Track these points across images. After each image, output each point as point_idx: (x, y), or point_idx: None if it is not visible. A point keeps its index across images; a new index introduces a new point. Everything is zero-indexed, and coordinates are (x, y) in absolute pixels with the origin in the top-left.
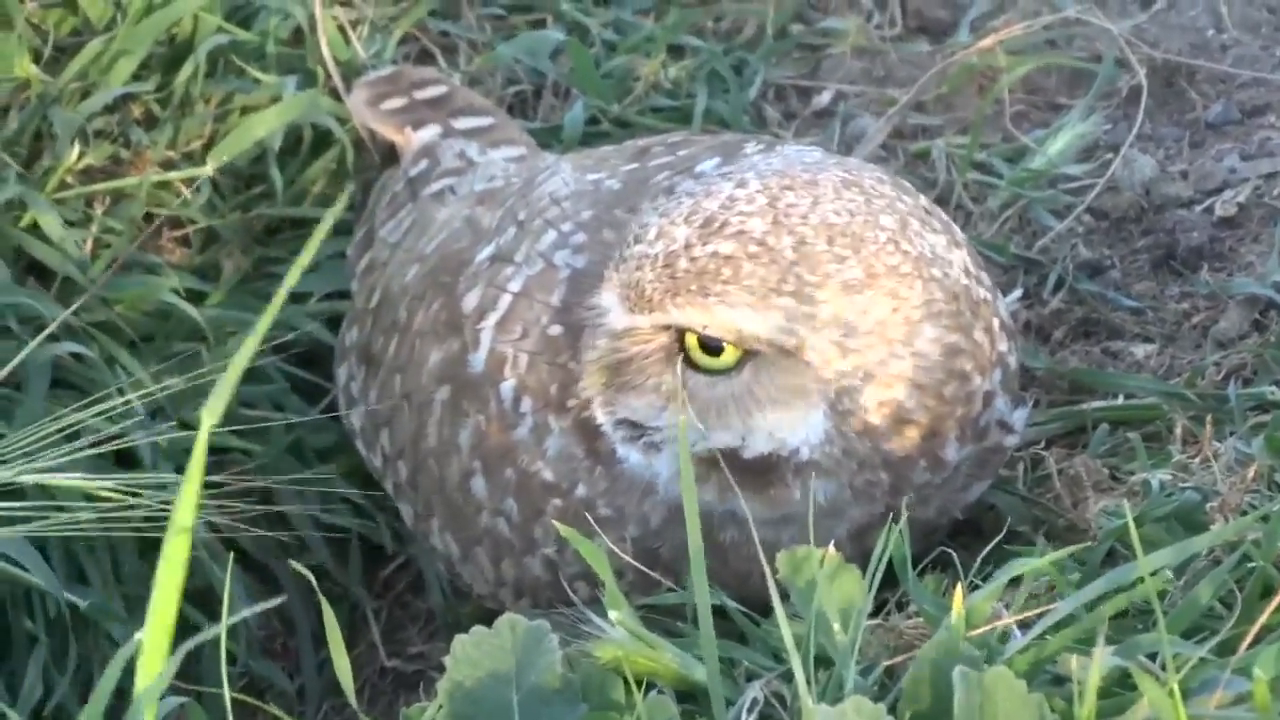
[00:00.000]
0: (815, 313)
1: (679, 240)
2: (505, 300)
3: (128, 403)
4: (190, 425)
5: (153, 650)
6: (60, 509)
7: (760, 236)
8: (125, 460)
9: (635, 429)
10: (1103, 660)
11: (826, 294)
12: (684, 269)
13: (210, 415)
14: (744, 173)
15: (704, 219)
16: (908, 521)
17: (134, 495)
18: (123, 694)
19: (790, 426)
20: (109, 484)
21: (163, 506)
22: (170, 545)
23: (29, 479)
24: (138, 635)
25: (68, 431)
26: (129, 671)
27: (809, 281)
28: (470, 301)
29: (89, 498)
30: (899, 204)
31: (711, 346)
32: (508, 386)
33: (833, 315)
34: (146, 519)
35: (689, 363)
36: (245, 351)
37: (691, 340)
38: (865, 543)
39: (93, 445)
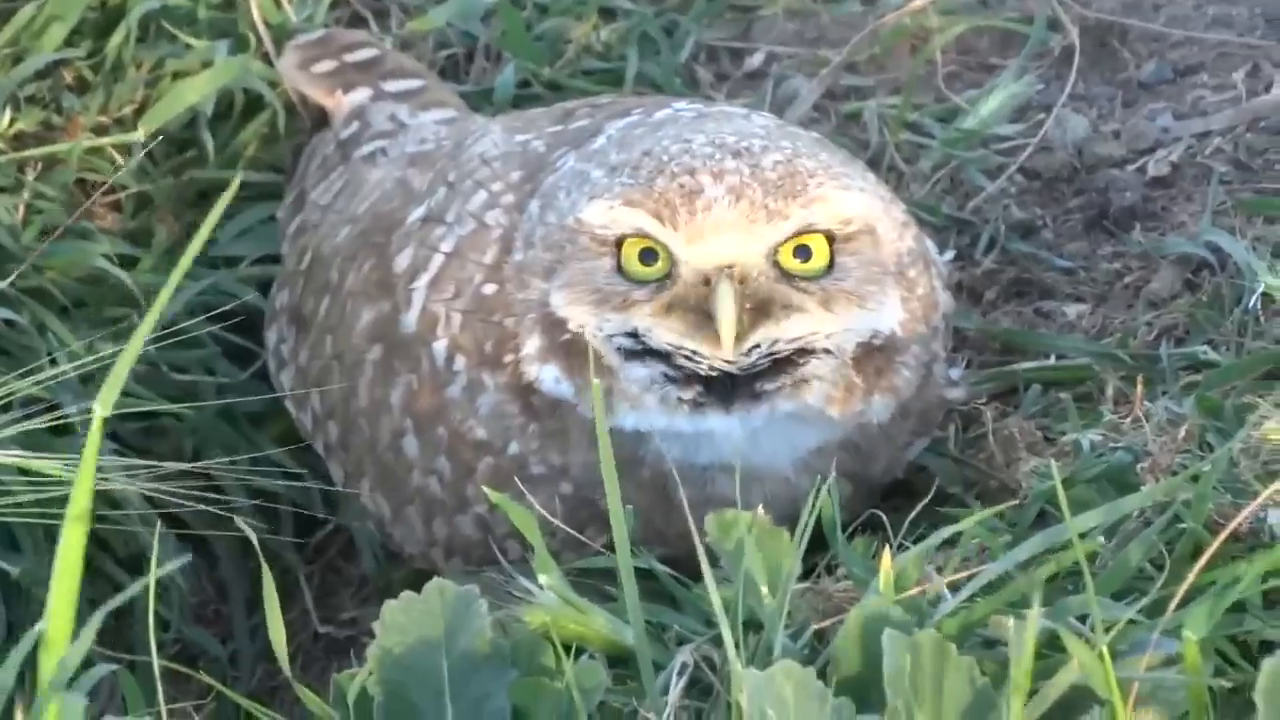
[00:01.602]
0: (870, 187)
1: (742, 163)
2: (437, 260)
3: (59, 370)
4: (122, 391)
5: (55, 639)
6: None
7: (801, 140)
8: (58, 428)
9: (635, 340)
10: (1034, 625)
11: (868, 175)
12: (777, 177)
13: (103, 407)
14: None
15: (736, 142)
16: (855, 481)
17: (62, 462)
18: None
19: (881, 304)
20: (51, 464)
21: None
22: (68, 534)
23: None
24: (39, 626)
25: (1, 401)
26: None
27: (854, 165)
28: (402, 262)
29: (25, 473)
30: None
31: (803, 255)
32: (440, 346)
33: (876, 189)
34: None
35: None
36: (137, 339)
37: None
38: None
39: (27, 418)
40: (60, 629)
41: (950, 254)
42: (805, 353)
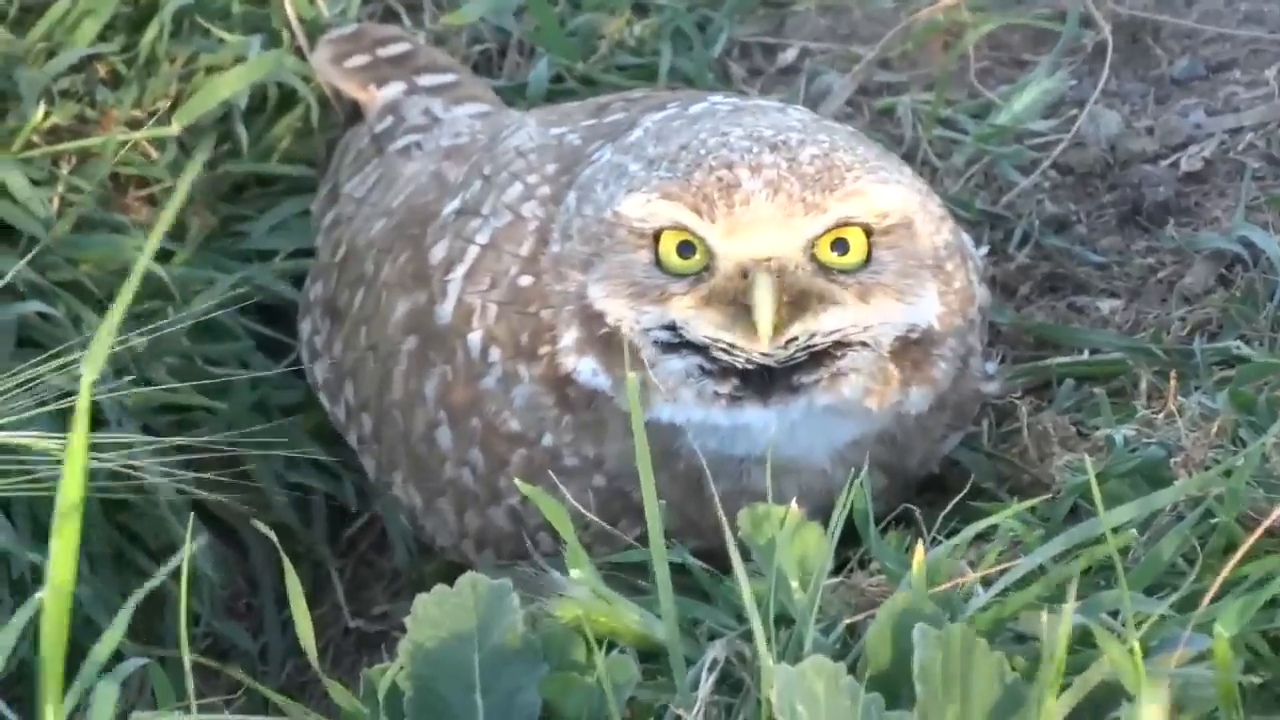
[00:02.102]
0: (907, 180)
1: (779, 156)
2: (473, 252)
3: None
4: (156, 384)
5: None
6: (24, 468)
7: (838, 134)
8: (90, 419)
9: (673, 333)
10: (1068, 620)
11: (904, 169)
12: (815, 171)
13: (91, 370)
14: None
15: (774, 136)
16: (891, 474)
17: (97, 455)
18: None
19: (919, 297)
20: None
21: (126, 469)
22: (61, 520)
23: None
24: (37, 595)
25: (31, 389)
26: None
27: (890, 159)
28: (437, 254)
29: (52, 454)
30: None
31: (840, 248)
32: (475, 337)
33: (913, 182)
34: (111, 476)
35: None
36: (123, 299)
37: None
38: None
39: (56, 401)
40: (58, 617)
41: (984, 249)
42: (842, 346)
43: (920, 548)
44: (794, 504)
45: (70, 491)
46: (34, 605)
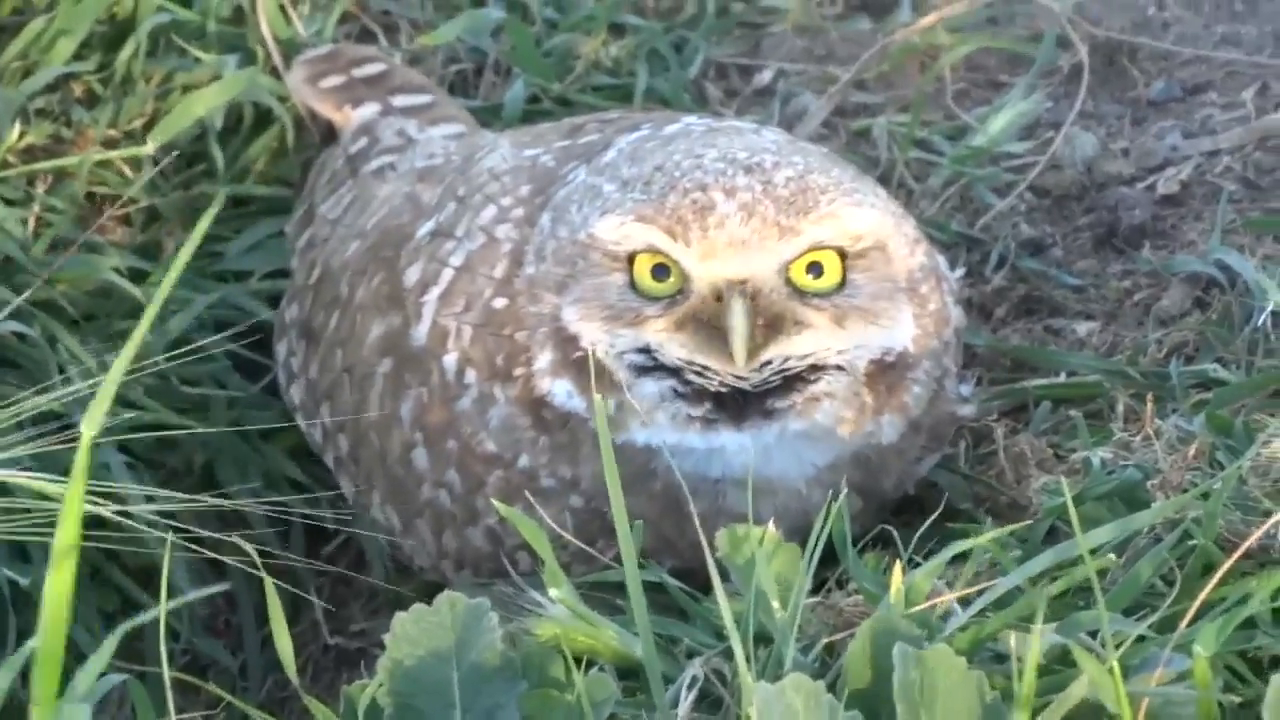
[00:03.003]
0: (881, 203)
1: (754, 179)
2: (447, 274)
3: (74, 389)
4: (133, 404)
5: (48, 664)
6: (5, 498)
7: (812, 156)
8: (69, 438)
9: (647, 356)
10: (1043, 638)
11: (879, 191)
12: (789, 194)
13: (89, 426)
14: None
15: (748, 158)
16: (866, 495)
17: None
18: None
19: (893, 321)
20: (51, 486)
21: (104, 489)
22: (56, 570)
23: None
24: (30, 643)
25: (13, 418)
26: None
27: (865, 181)
28: (412, 276)
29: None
30: None
31: (815, 272)
32: (450, 359)
33: (887, 205)
34: (88, 494)
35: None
36: (125, 354)
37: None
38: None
39: (39, 435)
40: (53, 654)
41: (960, 271)
42: (816, 369)
43: (899, 568)
44: (771, 524)
45: (67, 535)
46: (25, 653)
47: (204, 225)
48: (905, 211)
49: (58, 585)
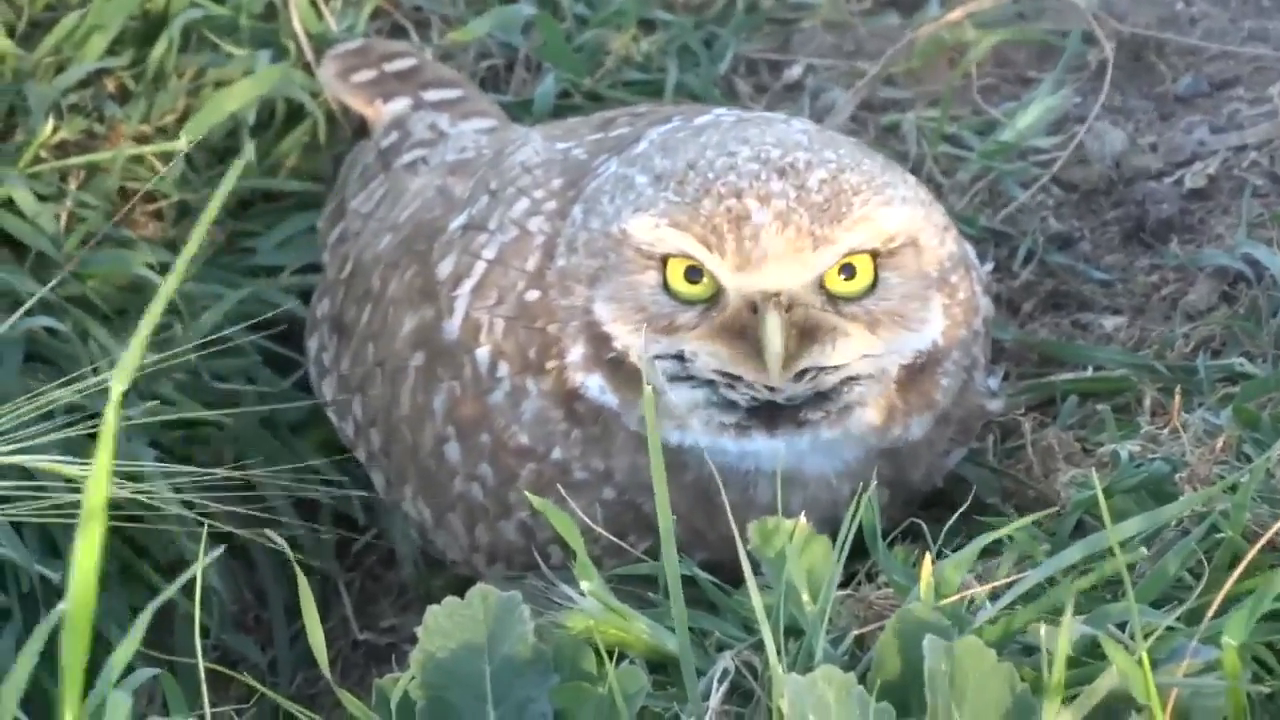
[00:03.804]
0: (911, 194)
1: (788, 183)
2: (480, 267)
3: (101, 379)
4: (163, 399)
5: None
6: (38, 489)
7: (843, 148)
8: (96, 427)
9: (680, 365)
10: (1072, 629)
11: (908, 180)
12: (823, 199)
13: (120, 380)
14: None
15: (781, 157)
16: (896, 488)
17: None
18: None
19: (924, 321)
20: (79, 469)
21: (134, 484)
22: (85, 530)
23: (6, 460)
24: (60, 606)
25: (44, 409)
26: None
27: (894, 171)
28: (445, 269)
29: (65, 478)
30: None
31: (847, 273)
32: (483, 352)
33: (915, 195)
34: (119, 490)
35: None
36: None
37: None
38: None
39: (68, 425)
40: (82, 621)
41: (989, 265)
42: (850, 381)
43: (928, 560)
44: (802, 517)
45: (94, 498)
46: (54, 619)
47: (211, 211)
48: (933, 198)
49: (87, 547)
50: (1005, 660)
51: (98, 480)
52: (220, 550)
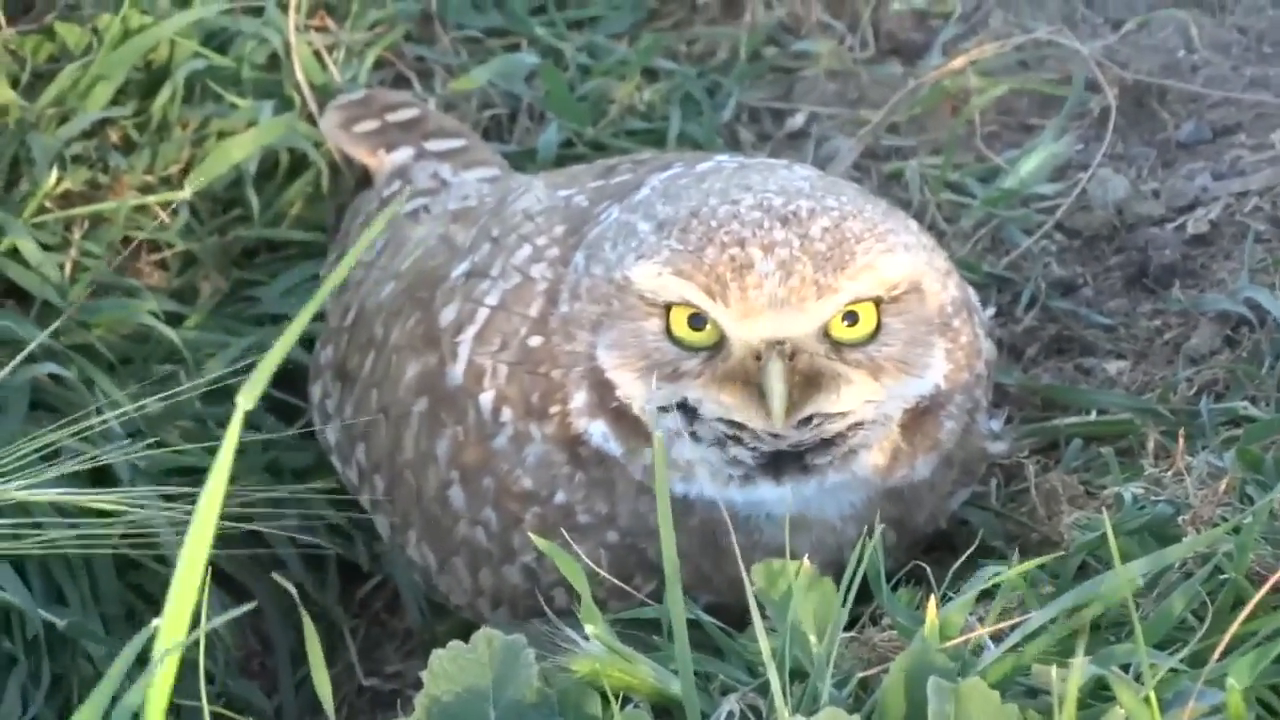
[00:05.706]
0: (913, 240)
1: (790, 231)
2: (482, 314)
3: (104, 423)
4: (167, 445)
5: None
6: (38, 527)
7: (845, 194)
8: (103, 482)
9: (685, 418)
10: (1080, 670)
11: (910, 226)
12: (826, 247)
13: (247, 400)
14: (749, 169)
15: (784, 205)
16: (900, 529)
17: (110, 513)
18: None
19: (927, 366)
20: (85, 499)
21: (139, 530)
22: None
23: (7, 498)
24: (149, 628)
25: (46, 452)
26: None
27: (896, 217)
28: (447, 316)
29: (65, 514)
30: None
31: (850, 320)
32: (486, 398)
33: (918, 241)
34: (124, 537)
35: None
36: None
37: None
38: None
39: (71, 465)
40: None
41: (991, 310)
42: (855, 427)
43: (933, 603)
44: (806, 559)
45: (219, 470)
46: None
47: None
48: (935, 243)
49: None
50: (1009, 702)
51: (209, 505)
52: (233, 608)
